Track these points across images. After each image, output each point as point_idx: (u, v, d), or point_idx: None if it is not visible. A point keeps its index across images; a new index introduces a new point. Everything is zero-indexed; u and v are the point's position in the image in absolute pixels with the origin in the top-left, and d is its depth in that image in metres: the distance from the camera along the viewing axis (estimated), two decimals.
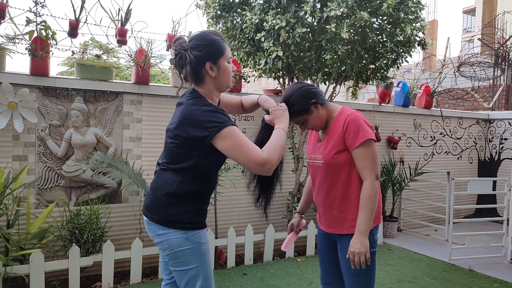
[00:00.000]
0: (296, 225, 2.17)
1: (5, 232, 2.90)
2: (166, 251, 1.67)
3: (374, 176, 1.82)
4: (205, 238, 1.72)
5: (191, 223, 1.65)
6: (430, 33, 10.57)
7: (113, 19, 3.64)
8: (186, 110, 1.61)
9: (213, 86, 1.69)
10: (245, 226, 4.02)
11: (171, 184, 1.64)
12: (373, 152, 1.83)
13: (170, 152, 1.67)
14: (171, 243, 1.64)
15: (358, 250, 1.76)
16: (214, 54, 1.65)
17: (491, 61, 8.09)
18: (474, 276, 3.76)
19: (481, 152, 6.41)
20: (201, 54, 1.61)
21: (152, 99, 3.79)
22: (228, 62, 1.71)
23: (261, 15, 3.75)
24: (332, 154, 1.86)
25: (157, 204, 1.67)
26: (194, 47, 1.62)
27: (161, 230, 1.66)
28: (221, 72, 1.68)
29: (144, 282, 3.42)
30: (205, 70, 1.65)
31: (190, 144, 1.60)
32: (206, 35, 1.67)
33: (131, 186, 3.52)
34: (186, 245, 1.64)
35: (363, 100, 9.60)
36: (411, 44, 4.22)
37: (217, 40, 1.67)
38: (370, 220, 1.81)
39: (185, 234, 1.64)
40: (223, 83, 1.71)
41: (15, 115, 3.16)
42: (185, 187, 1.64)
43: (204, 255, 1.69)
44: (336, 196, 1.90)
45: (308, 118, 1.89)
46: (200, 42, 1.63)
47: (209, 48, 1.63)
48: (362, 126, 1.82)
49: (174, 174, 1.65)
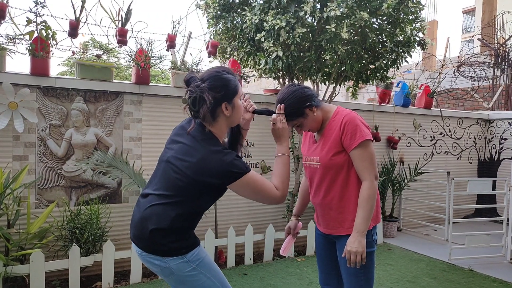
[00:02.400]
0: (293, 228, 2.16)
1: (6, 232, 2.91)
2: (170, 277, 1.63)
3: (373, 177, 1.82)
4: (203, 252, 1.68)
5: (185, 247, 1.61)
6: (430, 33, 10.57)
7: (113, 19, 3.64)
8: (204, 153, 1.56)
9: (225, 125, 1.68)
10: (245, 226, 4.02)
11: (165, 219, 1.58)
12: (371, 152, 1.83)
13: (173, 186, 1.60)
14: (172, 270, 1.60)
15: (355, 249, 1.76)
16: (230, 94, 1.63)
17: (491, 61, 8.09)
18: (474, 276, 3.76)
19: (480, 152, 6.42)
20: (219, 95, 1.59)
21: (152, 99, 3.80)
22: (241, 99, 1.71)
23: (261, 15, 3.75)
24: (329, 156, 1.86)
25: (148, 237, 1.60)
26: (211, 88, 1.58)
27: (157, 260, 1.60)
28: (235, 110, 1.67)
29: (144, 282, 3.43)
30: (220, 110, 1.62)
31: (201, 187, 1.57)
32: (221, 74, 1.63)
33: (131, 186, 3.52)
34: (188, 267, 1.61)
35: (363, 100, 9.61)
36: (411, 44, 4.22)
37: (232, 79, 1.65)
38: (369, 220, 1.81)
39: (184, 257, 1.60)
40: (235, 120, 1.70)
41: (15, 115, 3.16)
42: (179, 223, 1.60)
43: (210, 265, 1.67)
44: (334, 197, 1.90)
45: (303, 121, 1.88)
46: (217, 83, 1.60)
47: (226, 89, 1.61)
48: (359, 127, 1.82)
49: (170, 209, 1.59)
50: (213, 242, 3.71)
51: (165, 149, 1.72)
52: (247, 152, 4.32)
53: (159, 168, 1.71)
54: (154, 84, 3.84)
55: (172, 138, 1.72)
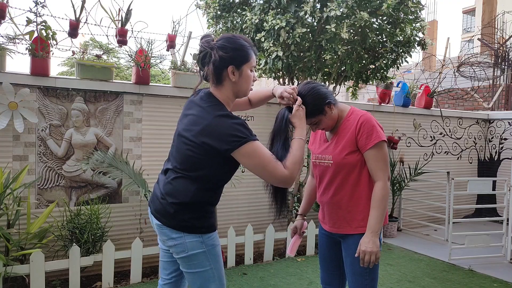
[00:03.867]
0: (299, 228, 2.16)
1: (6, 232, 2.91)
2: (180, 254, 1.65)
3: (386, 177, 1.83)
4: (218, 240, 1.72)
5: (205, 227, 1.65)
6: (430, 33, 10.57)
7: (113, 19, 3.64)
8: (209, 119, 1.57)
9: (231, 91, 1.66)
10: (245, 226, 4.02)
11: (186, 194, 1.61)
12: (385, 153, 1.84)
13: (186, 158, 1.62)
14: (186, 246, 1.63)
15: (370, 249, 1.77)
16: (239, 59, 1.62)
17: (491, 61, 8.09)
18: (474, 276, 3.76)
19: (480, 152, 6.42)
20: (227, 56, 1.59)
21: (152, 99, 3.80)
22: (251, 70, 1.69)
23: (261, 15, 3.75)
24: (343, 155, 1.86)
25: (170, 210, 1.63)
26: (221, 47, 1.59)
27: (175, 234, 1.63)
28: (242, 78, 1.65)
29: (144, 282, 3.43)
30: (226, 73, 1.62)
31: (209, 154, 1.57)
32: (236, 38, 1.65)
33: (132, 186, 3.52)
34: (201, 248, 1.63)
35: (363, 100, 9.61)
36: (411, 44, 4.22)
37: (245, 46, 1.64)
38: (382, 220, 1.82)
39: (200, 237, 1.63)
40: (242, 89, 1.68)
41: (15, 115, 3.16)
42: (199, 197, 1.62)
43: (218, 256, 1.69)
44: (344, 196, 1.90)
45: (322, 118, 1.87)
46: (228, 44, 1.61)
47: (235, 52, 1.61)
48: (375, 128, 1.83)
49: (190, 183, 1.62)
50: None
51: (178, 124, 1.75)
52: None
53: (173, 144, 1.73)
54: (154, 84, 3.84)
55: (183, 113, 1.73)
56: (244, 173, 4.25)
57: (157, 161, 3.76)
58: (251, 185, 4.31)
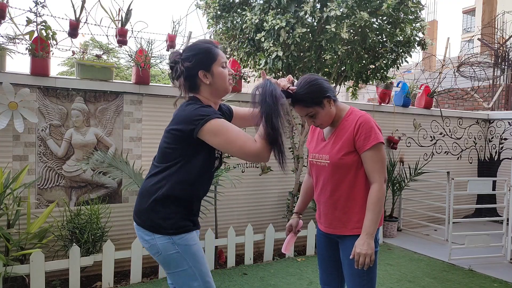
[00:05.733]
0: (295, 226, 2.15)
1: (6, 232, 2.91)
2: (156, 256, 1.66)
3: (383, 179, 1.83)
4: (193, 240, 1.68)
5: (174, 229, 1.63)
6: (430, 33, 10.57)
7: (113, 19, 3.64)
8: (178, 110, 1.67)
9: (209, 93, 1.70)
10: (245, 226, 4.02)
11: (159, 188, 1.64)
12: (383, 155, 1.84)
13: (162, 152, 1.69)
14: (158, 248, 1.63)
15: (364, 251, 1.76)
16: (205, 61, 1.66)
17: (491, 61, 8.09)
18: (474, 276, 3.76)
19: (480, 152, 6.42)
20: (191, 64, 1.65)
21: (152, 99, 3.80)
22: (223, 66, 1.71)
23: (261, 15, 3.75)
24: (340, 155, 1.85)
25: (143, 209, 1.66)
26: (185, 59, 1.66)
27: (147, 235, 1.65)
28: (216, 77, 1.68)
29: (144, 282, 3.43)
30: (199, 78, 1.67)
31: (179, 140, 1.61)
32: (196, 45, 1.70)
33: (131, 186, 3.52)
34: (173, 249, 1.62)
35: (363, 100, 9.61)
36: (411, 44, 4.22)
37: (208, 47, 1.69)
38: (377, 222, 1.81)
39: (170, 239, 1.62)
40: (219, 87, 1.71)
41: (15, 115, 3.16)
42: (171, 191, 1.62)
43: (195, 255, 1.66)
44: (341, 197, 1.89)
45: (319, 111, 1.85)
46: (190, 53, 1.67)
47: (199, 57, 1.66)
48: (373, 129, 1.82)
49: (162, 176, 1.64)
50: (213, 242, 3.71)
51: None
52: None
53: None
54: (154, 84, 3.84)
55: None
56: (244, 173, 4.26)
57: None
58: (251, 185, 4.31)
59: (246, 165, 4.30)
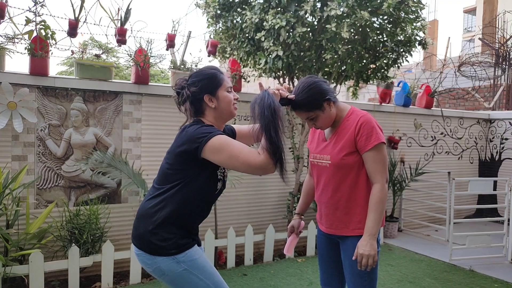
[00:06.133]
0: (297, 227, 2.14)
1: (5, 232, 2.90)
2: (162, 277, 1.63)
3: (384, 179, 1.81)
4: (197, 253, 1.66)
5: (175, 249, 1.60)
6: (430, 33, 10.56)
7: (113, 18, 3.63)
8: (181, 132, 1.67)
9: (214, 117, 1.71)
10: (245, 226, 4.01)
11: (158, 210, 1.61)
12: (384, 155, 1.82)
13: (163, 174, 1.67)
14: (162, 269, 1.60)
15: (367, 252, 1.75)
16: (211, 86, 1.69)
17: (492, 60, 8.07)
18: (475, 277, 3.75)
19: (481, 152, 6.40)
20: (197, 89, 1.68)
21: (152, 99, 3.78)
22: (228, 91, 1.72)
23: (261, 15, 3.74)
24: (342, 155, 1.84)
25: (142, 232, 1.63)
26: (191, 84, 1.70)
27: (148, 259, 1.62)
28: (221, 101, 1.70)
29: (143, 282, 3.42)
30: (204, 103, 1.69)
31: (182, 160, 1.60)
32: (202, 71, 1.74)
33: (131, 186, 3.51)
34: (180, 267, 1.60)
35: (364, 100, 9.60)
36: (412, 44, 4.21)
37: (213, 73, 1.72)
38: (380, 222, 1.80)
39: (174, 259, 1.60)
40: (224, 111, 1.71)
41: (14, 115, 3.15)
42: (171, 213, 1.60)
43: (203, 267, 1.64)
44: (342, 197, 1.88)
45: (319, 114, 1.84)
46: (196, 78, 1.70)
47: (205, 82, 1.69)
48: (375, 129, 1.81)
49: (162, 198, 1.62)
50: (213, 242, 3.70)
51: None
52: None
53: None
54: (154, 84, 3.83)
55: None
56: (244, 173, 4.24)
57: (156, 161, 3.74)
58: (251, 185, 4.30)
59: None
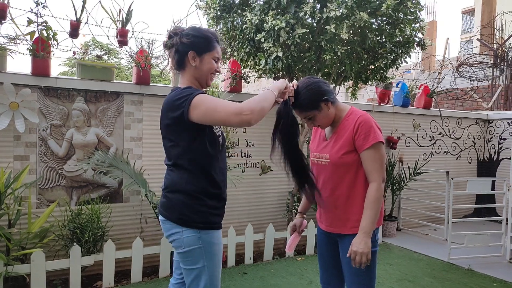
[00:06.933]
0: (299, 226, 2.16)
1: (7, 232, 2.92)
2: (179, 249, 1.71)
3: (381, 179, 1.83)
4: (218, 239, 1.73)
5: (203, 223, 1.68)
6: (429, 34, 10.58)
7: (114, 19, 3.65)
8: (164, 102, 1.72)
9: (192, 76, 1.73)
10: (245, 226, 4.03)
11: (179, 182, 1.69)
12: (382, 154, 1.84)
13: (168, 150, 1.74)
14: (183, 242, 1.67)
15: (361, 250, 1.77)
16: (201, 46, 1.71)
17: (490, 61, 8.11)
18: (473, 276, 3.77)
19: (480, 152, 6.43)
20: (188, 41, 1.69)
21: (153, 99, 3.81)
22: (215, 60, 1.75)
23: (261, 16, 3.76)
24: (340, 154, 1.86)
25: (171, 203, 1.70)
26: (185, 34, 1.70)
27: (175, 228, 1.69)
28: (203, 65, 1.72)
29: (144, 281, 3.44)
30: (187, 58, 1.70)
31: (175, 129, 1.65)
32: (200, 28, 1.75)
33: (132, 185, 3.53)
34: (197, 244, 1.67)
35: (363, 100, 9.62)
36: (410, 45, 4.24)
37: (209, 37, 1.73)
38: (375, 221, 1.81)
39: (198, 233, 1.66)
40: (202, 75, 1.74)
41: (16, 115, 3.17)
42: (194, 185, 1.67)
43: (214, 255, 1.70)
44: (340, 196, 1.90)
45: (316, 114, 1.87)
46: (192, 32, 1.71)
47: (197, 39, 1.70)
48: (373, 128, 1.83)
49: (178, 172, 1.70)
50: None
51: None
52: (247, 152, 4.33)
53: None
54: (155, 85, 3.85)
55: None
56: (244, 172, 4.27)
57: (157, 161, 3.77)
58: (251, 185, 4.33)
59: (246, 165, 4.32)
